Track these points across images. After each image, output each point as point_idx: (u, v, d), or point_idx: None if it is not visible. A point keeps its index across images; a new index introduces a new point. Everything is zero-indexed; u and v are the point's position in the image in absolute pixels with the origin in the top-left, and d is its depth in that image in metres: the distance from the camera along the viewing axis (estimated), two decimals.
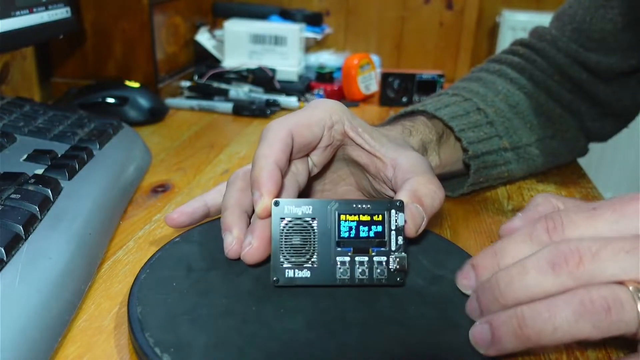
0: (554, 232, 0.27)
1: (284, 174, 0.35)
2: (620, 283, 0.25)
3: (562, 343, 0.25)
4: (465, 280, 0.30)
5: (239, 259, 0.35)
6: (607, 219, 0.26)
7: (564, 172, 0.59)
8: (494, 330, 0.27)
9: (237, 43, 0.90)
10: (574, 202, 0.31)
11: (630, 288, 0.24)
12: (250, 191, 0.37)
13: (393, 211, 0.33)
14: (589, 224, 0.26)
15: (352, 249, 0.33)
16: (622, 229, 0.26)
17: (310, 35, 0.97)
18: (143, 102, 0.69)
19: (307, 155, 0.39)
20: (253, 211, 0.35)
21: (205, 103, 0.78)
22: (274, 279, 0.33)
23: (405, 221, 0.33)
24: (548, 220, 0.27)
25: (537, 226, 0.27)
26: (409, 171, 0.36)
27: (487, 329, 0.27)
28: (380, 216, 0.33)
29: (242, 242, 0.35)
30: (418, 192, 0.35)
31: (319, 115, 0.37)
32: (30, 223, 0.34)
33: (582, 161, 0.62)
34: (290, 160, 0.36)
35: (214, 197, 0.41)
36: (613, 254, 0.25)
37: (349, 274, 0.33)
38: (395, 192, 0.37)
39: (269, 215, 0.33)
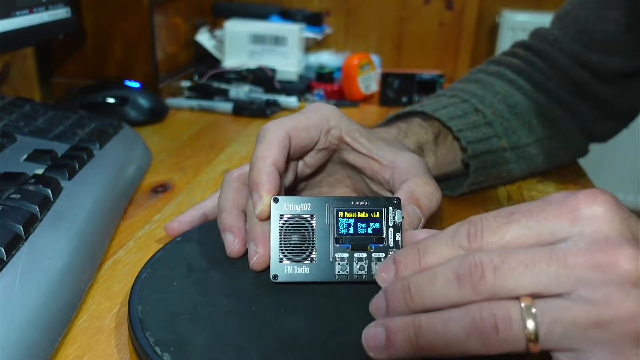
0: (473, 238, 0.27)
1: (282, 176, 0.35)
2: (517, 298, 0.24)
3: (455, 356, 0.25)
4: (385, 274, 0.29)
5: (239, 258, 0.35)
6: (523, 224, 0.26)
7: (564, 172, 0.59)
8: (390, 335, 0.26)
9: (237, 43, 0.90)
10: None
11: (522, 305, 0.24)
12: (246, 191, 0.37)
13: (390, 208, 0.33)
14: (506, 229, 0.26)
15: (350, 245, 0.33)
16: (537, 234, 0.25)
17: (310, 35, 0.97)
18: (143, 102, 0.70)
19: (301, 157, 0.39)
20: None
21: (205, 103, 0.78)
22: (274, 275, 0.33)
23: (402, 217, 0.33)
24: (470, 225, 0.27)
25: (460, 230, 0.27)
26: (407, 172, 0.37)
27: (382, 333, 0.26)
28: (378, 213, 0.33)
29: (243, 242, 0.35)
30: (415, 194, 0.35)
31: (316, 119, 0.37)
32: (31, 223, 0.34)
33: (582, 161, 0.62)
34: (287, 162, 0.36)
35: (212, 204, 0.41)
36: (511, 269, 0.24)
37: (347, 270, 0.33)
38: (392, 193, 0.37)
39: (269, 217, 0.33)
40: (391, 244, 0.33)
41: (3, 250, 0.31)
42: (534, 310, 0.24)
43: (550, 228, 0.25)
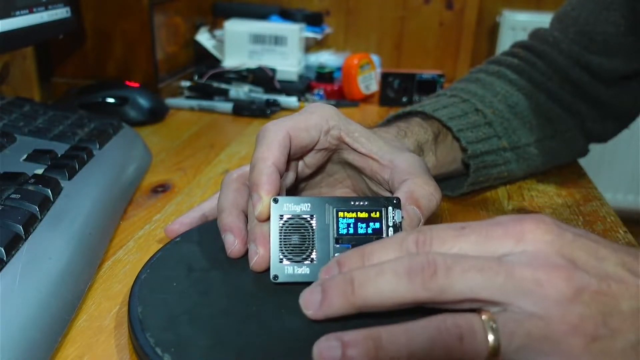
0: (422, 246, 0.27)
1: (282, 176, 0.35)
2: (478, 312, 0.25)
3: None
4: (327, 276, 0.29)
5: (239, 258, 0.35)
6: (472, 240, 0.27)
7: (564, 172, 0.59)
8: (346, 349, 0.25)
9: (237, 43, 0.90)
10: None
11: (483, 317, 0.25)
12: (246, 191, 0.37)
13: (390, 208, 0.33)
14: (455, 242, 0.27)
15: (350, 245, 0.33)
16: (484, 252, 0.27)
17: (310, 35, 0.97)
18: (143, 102, 0.70)
19: (301, 158, 0.39)
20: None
21: (205, 103, 0.78)
22: (274, 275, 0.33)
23: (402, 217, 0.33)
24: (419, 234, 0.28)
25: (409, 238, 0.28)
26: (406, 172, 0.37)
27: (337, 347, 0.25)
28: (377, 213, 0.33)
29: (244, 242, 0.35)
30: (415, 194, 0.35)
31: (316, 119, 0.37)
32: (30, 223, 0.34)
33: (582, 161, 0.62)
34: (288, 162, 0.36)
35: (211, 205, 0.41)
36: (464, 271, 0.25)
37: None
38: (392, 193, 0.37)
39: (269, 218, 0.33)
40: None
41: (3, 250, 0.31)
42: (493, 324, 0.25)
43: (495, 246, 0.27)
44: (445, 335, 0.25)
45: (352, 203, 0.34)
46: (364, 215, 0.33)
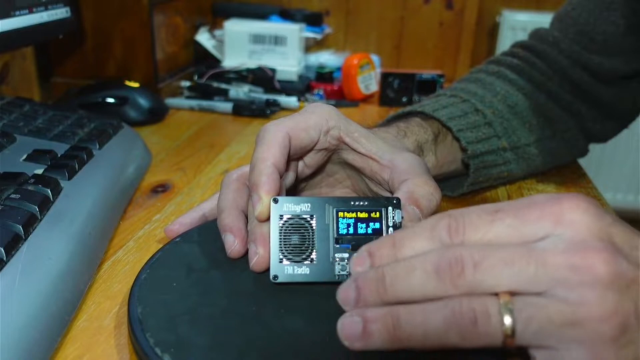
0: (455, 234, 0.27)
1: (282, 176, 0.35)
2: (496, 294, 0.25)
3: (432, 349, 0.25)
4: (360, 267, 0.28)
5: (239, 258, 0.35)
6: (507, 224, 0.26)
7: (564, 172, 0.59)
8: (367, 324, 0.26)
9: (237, 43, 0.90)
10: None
11: (501, 301, 0.25)
12: (246, 191, 0.37)
13: (390, 208, 0.33)
14: (489, 228, 0.26)
15: (350, 245, 0.33)
16: (520, 235, 0.26)
17: (310, 35, 0.97)
18: (143, 102, 0.70)
19: (301, 158, 0.39)
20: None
21: (205, 103, 0.78)
22: (274, 275, 0.33)
23: (402, 217, 0.33)
24: (451, 220, 0.27)
25: (440, 223, 0.27)
26: (406, 172, 0.37)
27: (359, 322, 0.26)
28: (377, 213, 0.33)
29: (243, 242, 0.35)
30: (415, 194, 0.35)
31: (315, 119, 0.37)
32: (30, 223, 0.34)
33: (582, 161, 0.62)
34: (287, 163, 0.36)
35: (211, 206, 0.41)
36: (492, 266, 0.25)
37: (347, 270, 0.33)
38: (392, 194, 0.37)
39: (269, 218, 0.33)
40: None
41: (3, 250, 0.31)
42: (511, 306, 0.24)
43: (533, 229, 0.26)
44: (459, 318, 0.25)
45: (352, 203, 0.34)
46: (364, 215, 0.33)
